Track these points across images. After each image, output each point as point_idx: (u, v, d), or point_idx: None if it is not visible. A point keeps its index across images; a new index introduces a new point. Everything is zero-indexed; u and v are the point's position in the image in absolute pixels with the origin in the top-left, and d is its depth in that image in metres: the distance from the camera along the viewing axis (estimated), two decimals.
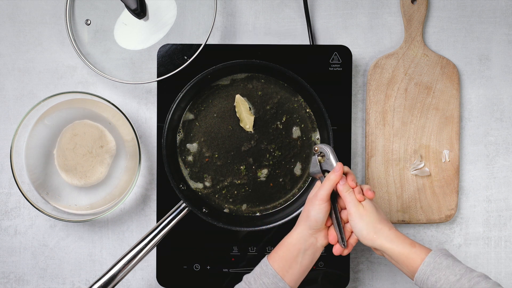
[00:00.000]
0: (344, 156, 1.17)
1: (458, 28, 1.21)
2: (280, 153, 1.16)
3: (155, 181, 1.20)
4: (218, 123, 1.17)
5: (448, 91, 1.19)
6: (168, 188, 1.12)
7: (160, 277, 1.17)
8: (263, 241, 1.17)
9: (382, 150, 1.19)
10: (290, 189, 1.17)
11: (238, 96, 1.16)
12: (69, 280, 1.21)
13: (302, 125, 1.17)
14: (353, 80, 1.20)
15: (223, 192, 1.17)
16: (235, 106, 1.16)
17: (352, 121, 1.20)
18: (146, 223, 1.20)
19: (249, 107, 1.16)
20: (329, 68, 1.17)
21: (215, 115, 1.17)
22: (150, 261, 1.20)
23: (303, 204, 1.12)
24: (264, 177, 1.16)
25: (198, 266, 1.17)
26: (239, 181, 1.17)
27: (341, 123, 1.17)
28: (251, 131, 1.16)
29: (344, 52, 1.16)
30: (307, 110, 1.17)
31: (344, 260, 1.17)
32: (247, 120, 1.16)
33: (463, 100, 1.22)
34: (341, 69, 1.17)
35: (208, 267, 1.17)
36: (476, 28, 1.21)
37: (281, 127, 1.16)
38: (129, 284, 1.21)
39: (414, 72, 1.19)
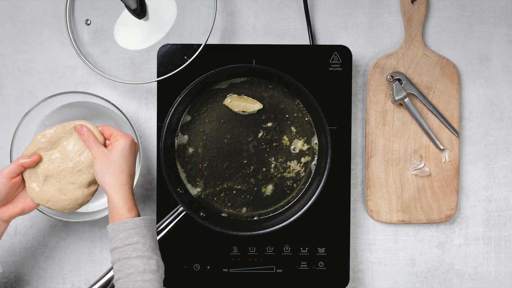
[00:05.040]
0: (344, 156, 1.17)
1: (458, 28, 1.21)
2: (278, 156, 1.17)
3: (155, 181, 1.20)
4: (216, 127, 1.16)
5: (448, 91, 1.19)
6: (168, 189, 1.12)
7: None
8: (264, 241, 1.17)
9: (382, 150, 1.19)
10: (289, 192, 1.17)
11: (232, 97, 1.16)
12: (69, 280, 1.21)
13: (300, 129, 1.17)
14: (353, 80, 1.20)
15: (221, 195, 1.17)
16: (230, 107, 1.16)
17: (352, 121, 1.20)
18: None
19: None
20: (329, 68, 1.17)
21: (213, 118, 1.17)
22: None
23: (303, 206, 1.12)
24: (263, 181, 1.16)
25: (198, 266, 1.17)
26: (237, 186, 1.16)
27: (341, 123, 1.17)
28: (260, 107, 1.16)
29: (344, 52, 1.16)
30: (306, 118, 1.17)
31: (344, 260, 1.17)
32: (251, 103, 1.15)
33: (463, 100, 1.22)
34: (341, 69, 1.17)
35: (208, 267, 1.17)
36: (476, 28, 1.21)
37: (278, 130, 1.16)
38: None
39: (414, 72, 1.19)
